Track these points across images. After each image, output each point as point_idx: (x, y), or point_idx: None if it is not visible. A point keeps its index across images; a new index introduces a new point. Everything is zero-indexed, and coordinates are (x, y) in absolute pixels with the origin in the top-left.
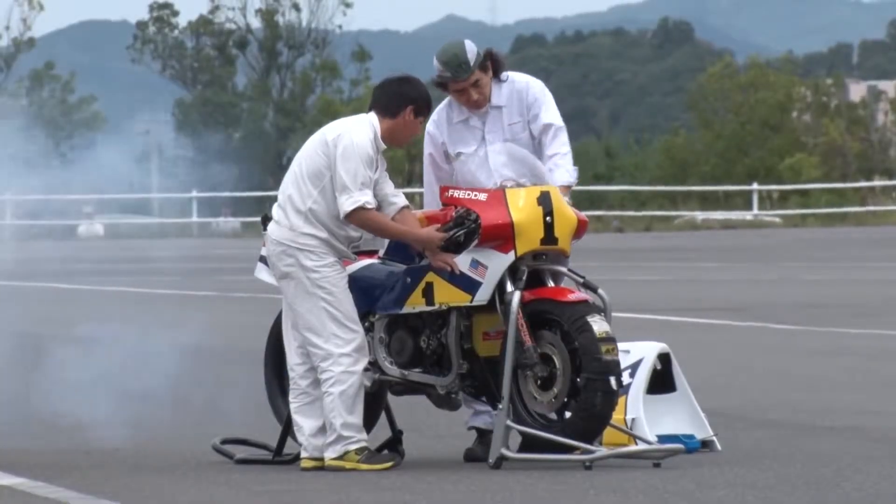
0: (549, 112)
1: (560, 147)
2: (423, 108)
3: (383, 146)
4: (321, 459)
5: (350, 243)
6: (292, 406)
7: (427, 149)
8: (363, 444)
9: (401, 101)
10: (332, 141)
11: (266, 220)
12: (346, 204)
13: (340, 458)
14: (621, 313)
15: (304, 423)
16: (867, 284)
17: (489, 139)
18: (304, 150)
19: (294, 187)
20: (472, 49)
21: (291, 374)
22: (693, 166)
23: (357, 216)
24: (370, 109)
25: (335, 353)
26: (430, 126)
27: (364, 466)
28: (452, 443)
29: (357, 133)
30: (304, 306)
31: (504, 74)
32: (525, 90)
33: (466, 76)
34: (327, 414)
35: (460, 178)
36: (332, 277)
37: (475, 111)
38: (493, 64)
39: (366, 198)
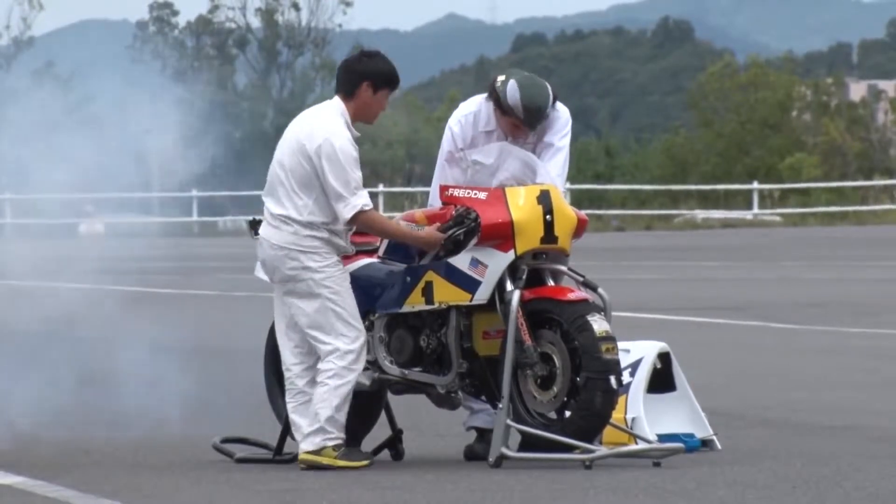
0: (556, 135)
1: (553, 167)
2: (382, 83)
3: (357, 134)
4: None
5: (348, 231)
6: (289, 406)
7: (447, 146)
8: (340, 441)
9: (356, 78)
10: (314, 151)
11: (256, 224)
12: (345, 211)
13: (317, 452)
14: (621, 312)
15: (302, 422)
16: (867, 283)
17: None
18: (284, 157)
19: (288, 201)
20: (550, 102)
21: (288, 374)
22: (693, 165)
23: (358, 220)
24: (336, 93)
25: (342, 348)
26: (454, 125)
27: (341, 463)
28: (452, 442)
29: (336, 137)
30: (310, 306)
31: None
32: (550, 114)
33: (533, 126)
34: (316, 403)
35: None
36: (337, 277)
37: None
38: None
39: (363, 200)
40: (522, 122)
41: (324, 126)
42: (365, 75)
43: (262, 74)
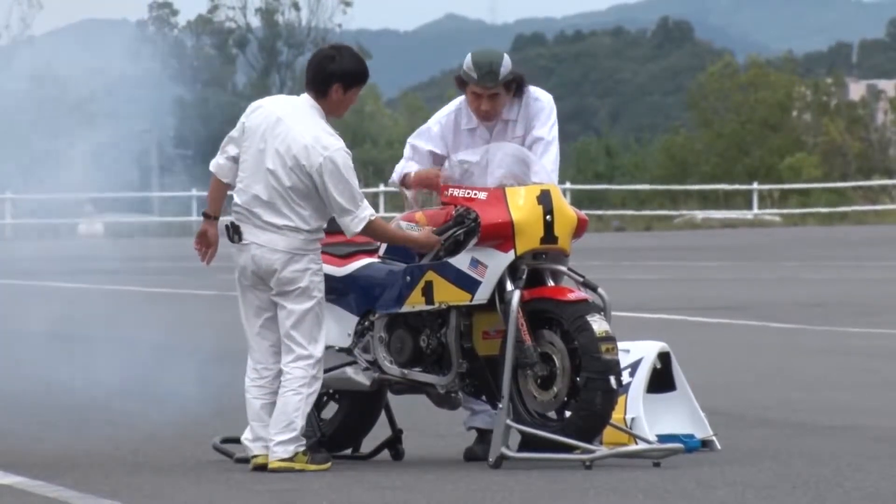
0: (545, 127)
1: (547, 162)
2: (353, 82)
3: (336, 131)
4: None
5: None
6: (258, 402)
7: (418, 139)
8: (305, 448)
9: (328, 79)
10: (315, 171)
11: (237, 230)
12: (353, 225)
13: (291, 458)
14: (621, 312)
15: (268, 422)
16: (867, 283)
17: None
18: (279, 172)
19: (291, 212)
20: (507, 64)
21: (263, 374)
22: (693, 165)
23: (365, 232)
24: (306, 88)
25: (316, 356)
26: (433, 125)
27: (312, 467)
28: (452, 442)
29: (336, 152)
30: (301, 307)
31: (526, 89)
32: (533, 104)
33: (489, 85)
34: (289, 412)
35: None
36: (323, 282)
37: (484, 122)
38: (516, 86)
39: (369, 211)
40: (477, 81)
41: (318, 140)
42: (336, 76)
43: (262, 74)
